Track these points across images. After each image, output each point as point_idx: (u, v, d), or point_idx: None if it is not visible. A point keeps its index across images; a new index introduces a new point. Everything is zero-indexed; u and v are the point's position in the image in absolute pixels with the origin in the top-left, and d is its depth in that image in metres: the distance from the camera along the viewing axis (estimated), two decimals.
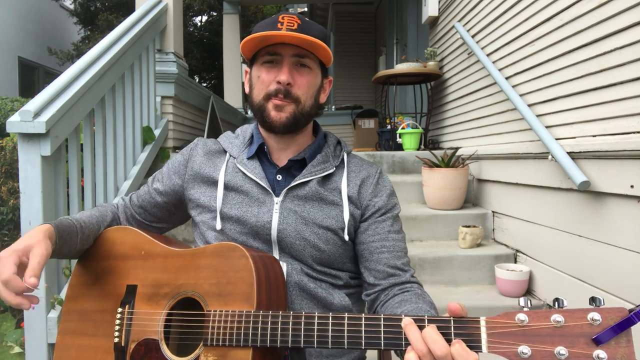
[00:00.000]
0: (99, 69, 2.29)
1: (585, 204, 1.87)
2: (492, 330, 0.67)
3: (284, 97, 0.97)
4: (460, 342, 0.67)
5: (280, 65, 0.97)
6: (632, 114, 1.64)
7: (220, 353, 0.83)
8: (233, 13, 6.97)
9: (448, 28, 3.79)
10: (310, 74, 1.00)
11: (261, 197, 1.00)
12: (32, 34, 9.77)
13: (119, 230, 1.06)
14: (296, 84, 0.98)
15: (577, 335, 0.63)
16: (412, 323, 0.71)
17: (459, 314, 0.70)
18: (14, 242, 0.89)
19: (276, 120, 0.98)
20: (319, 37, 0.96)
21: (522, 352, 0.64)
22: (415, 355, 0.69)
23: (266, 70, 0.99)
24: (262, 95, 0.99)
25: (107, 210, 1.14)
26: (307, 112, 1.01)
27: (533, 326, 0.65)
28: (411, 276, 1.02)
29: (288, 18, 0.96)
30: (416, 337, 0.69)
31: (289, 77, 0.96)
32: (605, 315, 0.62)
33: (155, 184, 1.13)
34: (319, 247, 0.99)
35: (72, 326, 1.01)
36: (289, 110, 0.98)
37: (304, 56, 0.98)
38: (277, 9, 11.46)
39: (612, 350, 0.61)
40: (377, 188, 1.06)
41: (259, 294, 0.84)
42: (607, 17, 1.75)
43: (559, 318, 0.64)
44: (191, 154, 1.10)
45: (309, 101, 1.00)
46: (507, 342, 0.66)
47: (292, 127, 1.00)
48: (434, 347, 0.67)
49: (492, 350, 0.66)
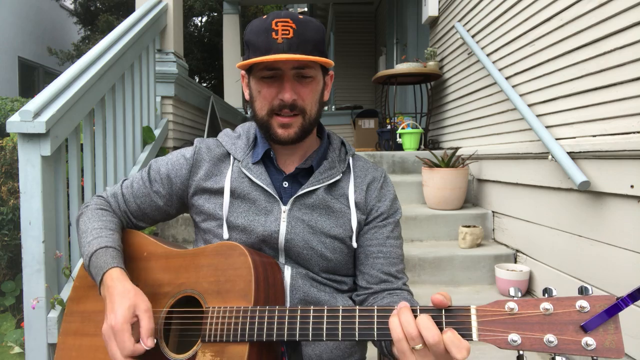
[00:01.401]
0: (99, 69, 2.29)
1: (585, 204, 1.87)
2: (483, 319, 0.68)
3: (291, 111, 0.94)
4: (452, 330, 0.67)
5: (282, 81, 0.93)
6: (632, 114, 1.64)
7: (217, 349, 0.84)
8: (233, 13, 6.97)
9: (448, 28, 3.79)
10: (312, 83, 0.96)
11: (268, 206, 0.98)
12: (32, 34, 9.78)
13: (124, 232, 1.07)
14: (300, 97, 0.94)
15: (566, 323, 0.64)
16: (407, 307, 0.71)
17: (444, 305, 0.70)
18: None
19: (284, 137, 0.96)
20: (316, 39, 0.92)
21: (512, 339, 0.65)
22: (404, 339, 0.68)
23: (267, 86, 0.94)
24: (266, 111, 0.95)
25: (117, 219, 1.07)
26: (314, 119, 0.99)
27: (523, 314, 0.66)
28: (403, 284, 1.02)
29: (282, 24, 0.90)
30: (408, 321, 0.69)
31: (292, 94, 0.93)
32: (593, 303, 0.63)
33: (156, 186, 1.06)
34: (326, 257, 0.98)
35: (74, 327, 1.02)
36: (296, 125, 0.95)
37: (304, 67, 0.94)
38: (277, 9, 11.47)
39: (601, 337, 0.62)
40: (382, 193, 1.06)
41: (257, 291, 0.84)
42: (607, 17, 1.75)
43: (548, 306, 0.65)
44: (196, 159, 1.05)
45: (314, 108, 0.98)
46: (497, 330, 0.66)
47: (300, 139, 0.98)
48: (427, 334, 0.67)
49: (483, 338, 0.67)
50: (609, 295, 0.63)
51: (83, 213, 1.06)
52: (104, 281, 0.89)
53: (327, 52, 0.99)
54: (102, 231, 0.98)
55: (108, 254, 0.93)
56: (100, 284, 0.90)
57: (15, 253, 2.48)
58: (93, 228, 0.99)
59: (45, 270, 1.86)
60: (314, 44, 0.91)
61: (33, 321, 1.87)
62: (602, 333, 0.62)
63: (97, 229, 0.99)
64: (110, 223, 1.02)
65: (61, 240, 2.00)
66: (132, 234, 1.06)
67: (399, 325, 0.69)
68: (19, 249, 2.28)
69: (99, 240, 0.95)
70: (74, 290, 1.05)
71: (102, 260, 0.91)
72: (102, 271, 0.90)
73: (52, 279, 1.92)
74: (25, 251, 1.86)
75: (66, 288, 2.00)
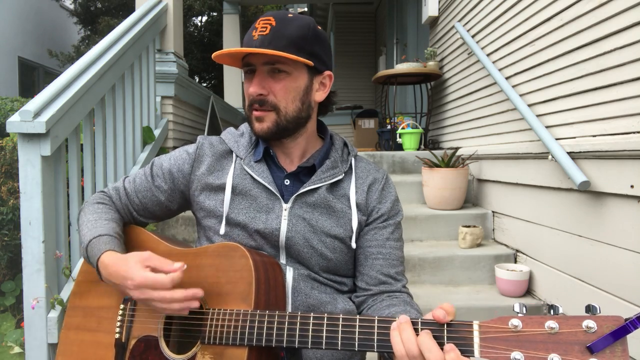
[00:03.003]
0: (99, 68, 2.29)
1: (585, 204, 1.87)
2: (485, 335, 0.66)
3: (260, 107, 0.95)
4: (454, 350, 0.66)
5: (254, 76, 0.96)
6: (632, 114, 1.64)
7: (216, 351, 0.84)
8: (233, 13, 6.97)
9: (448, 28, 3.79)
10: (287, 79, 0.94)
11: (270, 203, 0.98)
12: (32, 34, 9.77)
13: (126, 229, 1.07)
14: (272, 92, 0.94)
15: (572, 343, 0.62)
16: (408, 321, 0.70)
17: (445, 321, 0.69)
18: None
19: (259, 130, 0.97)
20: (294, 35, 0.91)
21: (514, 358, 0.63)
22: (406, 357, 0.68)
23: (247, 81, 0.97)
24: (247, 106, 0.99)
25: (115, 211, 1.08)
26: (293, 117, 0.97)
27: (527, 332, 0.64)
28: (402, 286, 1.02)
29: (263, 22, 0.92)
30: (409, 338, 0.68)
31: (257, 89, 0.94)
32: (600, 324, 0.61)
33: (157, 181, 1.07)
34: (326, 256, 0.98)
35: (76, 321, 1.02)
36: (269, 120, 0.96)
37: (276, 62, 0.93)
38: (277, 9, 11.48)
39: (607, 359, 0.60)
40: (383, 194, 1.06)
41: (258, 294, 0.84)
42: (607, 17, 1.75)
43: (554, 325, 0.63)
44: (198, 154, 1.06)
45: (292, 105, 0.96)
46: (499, 347, 0.64)
47: (277, 135, 0.98)
48: (428, 356, 0.66)
49: (485, 355, 0.65)
50: (617, 316, 0.61)
51: (82, 209, 1.07)
52: (100, 267, 0.91)
53: (315, 50, 0.96)
54: (97, 222, 0.99)
55: (101, 241, 0.94)
56: (98, 272, 0.92)
57: (15, 253, 2.48)
58: (88, 220, 1.00)
59: (45, 270, 1.86)
60: (290, 40, 0.91)
61: (33, 321, 1.87)
62: (609, 355, 0.60)
63: (92, 221, 1.00)
64: (105, 214, 1.03)
65: (61, 240, 2.00)
66: (135, 230, 1.06)
67: (401, 342, 0.69)
68: (19, 249, 2.27)
69: (93, 231, 0.97)
70: (77, 284, 1.06)
71: (96, 249, 0.93)
72: (95, 259, 0.92)
73: (52, 279, 1.92)
74: (25, 251, 1.86)
75: (66, 288, 2.00)
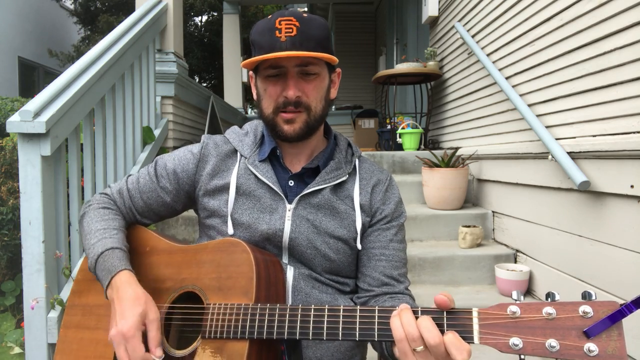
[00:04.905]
0: (99, 68, 2.29)
1: (585, 204, 1.87)
2: (484, 322, 0.67)
3: (295, 108, 0.95)
4: (453, 332, 0.66)
5: (285, 79, 0.94)
6: (632, 114, 1.64)
7: (217, 345, 0.84)
8: (233, 13, 6.97)
9: (448, 28, 3.79)
10: (317, 79, 0.96)
11: (273, 204, 0.98)
12: (32, 34, 9.77)
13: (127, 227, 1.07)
14: (305, 94, 0.95)
15: (569, 328, 0.63)
16: (408, 308, 0.71)
17: (447, 305, 0.70)
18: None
19: (289, 132, 0.96)
20: (320, 36, 0.93)
21: (513, 343, 0.64)
22: (406, 340, 0.68)
23: (272, 84, 0.95)
24: (272, 109, 0.96)
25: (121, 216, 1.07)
26: (320, 116, 0.99)
27: (525, 318, 0.65)
28: (405, 288, 1.02)
29: (286, 22, 0.91)
30: (409, 321, 0.69)
31: (296, 91, 0.93)
32: (596, 309, 0.62)
33: (163, 182, 1.06)
34: (330, 257, 0.98)
35: (76, 320, 1.02)
36: (301, 121, 0.96)
37: (308, 64, 0.94)
38: (277, 9, 11.47)
39: (604, 343, 0.61)
40: (386, 195, 1.06)
41: (258, 289, 0.84)
42: (607, 17, 1.75)
43: (551, 310, 0.64)
44: (203, 153, 1.06)
45: (320, 105, 0.98)
46: (498, 333, 0.66)
47: (305, 135, 0.98)
48: (428, 335, 0.66)
49: (484, 341, 0.66)
50: (613, 301, 0.63)
51: (86, 213, 1.05)
52: (113, 284, 0.89)
53: (332, 49, 0.99)
54: (106, 232, 0.98)
55: (115, 255, 0.92)
56: (108, 286, 0.90)
57: (15, 253, 2.48)
58: (97, 229, 0.98)
59: (45, 270, 1.86)
60: (317, 41, 0.92)
61: (33, 321, 1.87)
62: (605, 339, 0.61)
63: (100, 229, 0.98)
64: (113, 222, 1.01)
65: (61, 240, 2.00)
66: (135, 228, 1.07)
67: (400, 325, 0.69)
68: (19, 249, 2.28)
69: (104, 242, 0.95)
70: (76, 283, 1.06)
71: (109, 263, 0.91)
72: (110, 274, 0.90)
73: (52, 279, 1.92)
74: (25, 251, 1.86)
75: (66, 288, 2.00)
